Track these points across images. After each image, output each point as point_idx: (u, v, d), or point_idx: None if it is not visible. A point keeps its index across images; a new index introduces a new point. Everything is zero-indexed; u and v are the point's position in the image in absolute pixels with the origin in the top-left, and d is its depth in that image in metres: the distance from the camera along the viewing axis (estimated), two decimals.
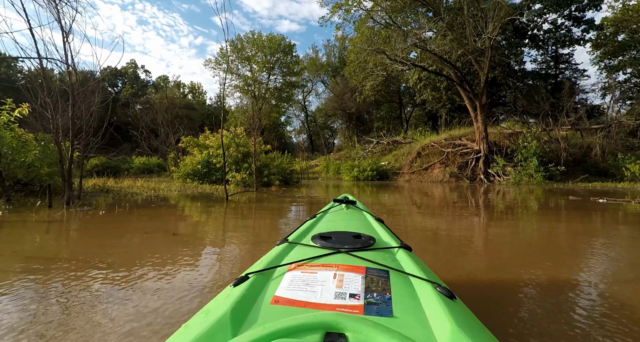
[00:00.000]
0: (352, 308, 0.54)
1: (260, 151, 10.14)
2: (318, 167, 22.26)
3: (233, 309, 0.52)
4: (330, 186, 11.65)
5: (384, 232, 1.06)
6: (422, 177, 15.53)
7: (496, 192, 8.91)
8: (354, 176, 16.78)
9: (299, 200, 5.92)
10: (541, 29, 20.89)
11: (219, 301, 0.60)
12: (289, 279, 0.65)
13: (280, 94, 28.48)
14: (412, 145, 18.19)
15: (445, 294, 0.61)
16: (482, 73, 13.11)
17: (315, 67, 31.25)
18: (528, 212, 4.70)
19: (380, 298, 0.57)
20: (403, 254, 0.82)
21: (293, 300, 0.57)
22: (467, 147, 14.87)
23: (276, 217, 4.13)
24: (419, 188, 11.07)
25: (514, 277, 1.83)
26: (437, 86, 19.91)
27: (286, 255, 0.82)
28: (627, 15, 21.52)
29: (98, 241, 2.70)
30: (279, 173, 10.53)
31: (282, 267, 0.72)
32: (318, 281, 0.63)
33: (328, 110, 30.32)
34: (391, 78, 24.60)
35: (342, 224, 1.15)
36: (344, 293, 0.59)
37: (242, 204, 5.44)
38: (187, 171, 9.70)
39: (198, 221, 3.82)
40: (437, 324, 0.50)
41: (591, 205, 5.50)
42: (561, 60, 23.94)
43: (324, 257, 0.75)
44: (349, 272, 0.66)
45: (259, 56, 26.88)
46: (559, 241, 2.86)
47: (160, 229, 3.23)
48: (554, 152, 12.87)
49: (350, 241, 0.87)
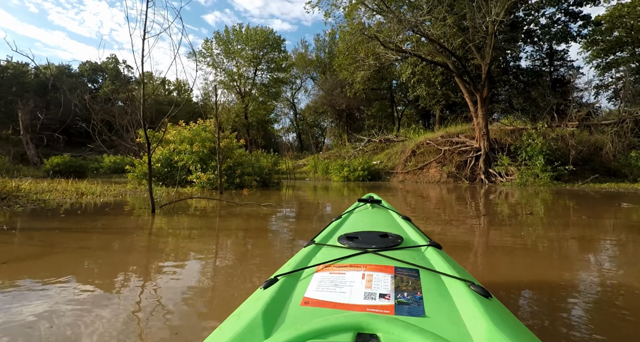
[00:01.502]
0: (383, 308, 0.52)
1: (230, 147, 8.51)
2: (306, 166, 20.70)
3: (264, 311, 0.51)
4: (317, 188, 10.11)
5: (411, 231, 1.01)
6: (418, 178, 14.12)
7: (509, 196, 7.48)
8: (343, 176, 15.26)
9: (256, 213, 4.15)
10: (538, 23, 19.83)
11: (250, 304, 0.59)
12: (317, 280, 0.64)
13: (268, 90, 26.77)
14: (406, 143, 16.78)
15: (480, 292, 0.57)
16: (483, 63, 11.74)
17: (305, 63, 29.62)
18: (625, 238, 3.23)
19: (411, 298, 0.55)
20: (433, 252, 0.79)
21: (323, 301, 0.56)
22: (465, 144, 13.51)
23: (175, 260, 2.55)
24: (415, 190, 9.60)
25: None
26: (432, 81, 18.56)
27: (313, 256, 0.80)
28: (623, 11, 20.64)
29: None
30: (257, 173, 8.93)
31: (310, 268, 0.71)
32: (347, 282, 0.61)
33: (317, 107, 28.74)
34: (383, 72, 23.19)
35: (368, 223, 1.12)
36: (373, 293, 0.57)
37: (173, 218, 3.82)
38: (145, 170, 8.00)
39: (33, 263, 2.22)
40: (473, 324, 0.47)
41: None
42: (556, 57, 22.96)
43: (351, 257, 0.73)
44: (377, 272, 0.64)
45: (246, 50, 25.09)
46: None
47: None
48: (560, 150, 11.59)
49: (377, 241, 0.84)
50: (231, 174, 7.89)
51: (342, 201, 6.10)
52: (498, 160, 12.45)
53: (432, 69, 18.52)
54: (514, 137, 13.12)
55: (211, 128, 8.93)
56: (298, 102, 32.97)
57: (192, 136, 7.89)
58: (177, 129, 8.20)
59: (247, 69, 26.08)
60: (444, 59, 12.41)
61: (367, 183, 13.72)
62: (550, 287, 1.66)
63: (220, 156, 6.81)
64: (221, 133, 8.77)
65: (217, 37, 24.64)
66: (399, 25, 11.01)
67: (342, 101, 22.54)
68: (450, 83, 19.45)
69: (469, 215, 4.13)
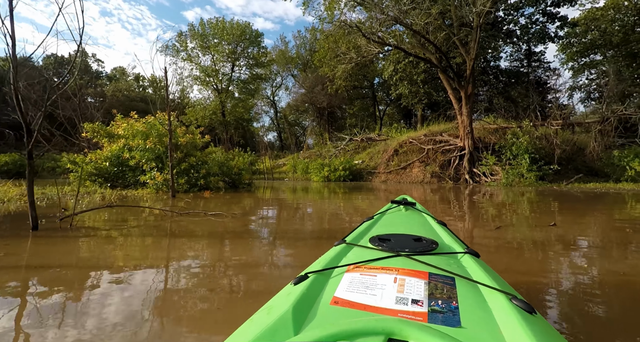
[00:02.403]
0: (415, 315, 0.50)
1: (194, 144, 7.44)
2: (285, 166, 19.69)
3: (295, 307, 0.50)
4: (294, 189, 9.17)
5: (447, 236, 0.97)
6: (401, 178, 13.46)
7: (502, 198, 6.83)
8: (323, 176, 14.39)
9: (194, 230, 3.02)
10: (518, 23, 19.75)
11: (281, 298, 0.58)
12: (347, 280, 0.62)
13: (246, 87, 25.51)
14: (388, 142, 16.12)
15: (523, 307, 0.53)
16: (468, 58, 11.18)
17: (285, 60, 28.51)
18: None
19: (446, 306, 0.53)
20: (470, 260, 0.74)
21: (353, 302, 0.54)
22: (449, 143, 12.97)
23: None
24: (398, 190, 8.86)
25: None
26: (414, 79, 18.02)
27: (344, 256, 0.78)
28: (597, 14, 20.97)
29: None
30: (225, 173, 7.89)
31: (341, 268, 0.69)
32: (378, 284, 0.59)
33: (299, 106, 27.73)
34: (365, 69, 22.51)
35: (402, 226, 1.07)
36: (405, 298, 0.54)
37: (55, 241, 2.77)
38: (90, 170, 6.79)
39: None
40: (514, 340, 0.43)
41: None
42: (533, 59, 23.13)
43: (383, 260, 0.71)
44: (410, 277, 0.62)
45: (222, 45, 23.70)
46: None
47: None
48: (544, 149, 11.22)
49: (410, 244, 0.80)
50: (193, 175, 6.81)
51: (325, 199, 5.26)
52: (483, 160, 11.96)
53: (414, 67, 18.00)
54: (498, 136, 12.69)
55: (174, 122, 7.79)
56: (279, 101, 31.79)
57: (147, 130, 6.75)
58: (129, 121, 7.03)
59: (224, 65, 24.71)
60: (428, 54, 11.78)
61: (349, 184, 12.92)
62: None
63: (172, 153, 5.75)
64: (184, 128, 7.68)
65: (192, 30, 23.14)
66: (382, 15, 10.25)
67: (323, 99, 21.66)
68: (433, 81, 19.03)
69: (482, 227, 3.30)
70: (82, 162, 6.76)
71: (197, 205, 4.76)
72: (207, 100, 25.89)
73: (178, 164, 6.57)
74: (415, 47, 11.69)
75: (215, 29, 23.16)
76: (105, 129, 7.33)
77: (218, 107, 24.71)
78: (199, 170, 6.96)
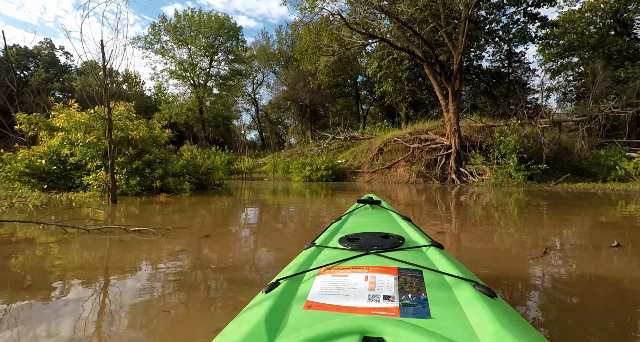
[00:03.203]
0: (387, 310, 0.50)
1: (151, 138, 6.36)
2: (266, 166, 18.66)
3: (267, 316, 0.49)
4: (271, 191, 8.24)
5: (412, 231, 0.98)
6: (386, 177, 12.77)
7: (501, 200, 6.17)
8: (305, 175, 13.51)
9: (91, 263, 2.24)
10: (500, 22, 19.62)
11: (253, 308, 0.57)
12: (320, 283, 0.61)
13: (225, 83, 24.21)
14: (372, 141, 15.43)
15: (485, 292, 0.56)
16: (455, 52, 10.61)
17: (266, 56, 27.38)
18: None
19: (415, 299, 0.54)
20: (435, 253, 0.76)
21: (326, 304, 0.54)
22: (435, 142, 12.39)
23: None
24: (383, 191, 8.11)
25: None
26: (399, 76, 17.43)
27: (315, 259, 0.77)
28: (574, 16, 21.22)
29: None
30: (190, 173, 6.85)
31: (312, 271, 0.68)
32: (349, 284, 0.59)
33: (280, 104, 26.68)
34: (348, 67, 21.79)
35: (369, 224, 1.07)
36: (377, 295, 0.55)
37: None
38: (21, 168, 5.59)
39: None
40: (479, 324, 0.46)
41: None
42: (513, 59, 23.20)
43: (353, 259, 0.71)
44: (380, 274, 0.62)
45: (199, 38, 22.30)
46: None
47: None
48: (532, 148, 10.81)
49: (378, 242, 0.80)
50: (148, 175, 5.75)
51: (307, 201, 4.41)
52: (470, 159, 11.44)
53: (398, 64, 17.42)
54: (484, 134, 12.24)
55: (130, 114, 6.68)
56: (260, 98, 30.59)
57: (90, 122, 5.63)
58: (69, 111, 5.86)
59: (201, 59, 23.32)
60: (414, 47, 11.12)
61: (332, 184, 12.09)
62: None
63: (112, 148, 4.71)
64: (139, 121, 6.59)
65: (164, 21, 21.60)
66: (366, 4, 9.48)
67: (305, 96, 20.74)
68: (417, 80, 18.54)
69: (525, 250, 2.50)
70: (8, 159, 5.53)
71: (133, 214, 3.76)
72: (184, 96, 24.41)
73: (130, 162, 5.49)
74: (400, 40, 11.00)
75: (191, 21, 21.75)
76: (44, 121, 6.12)
77: (195, 104, 23.30)
78: (154, 169, 5.90)
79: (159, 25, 21.83)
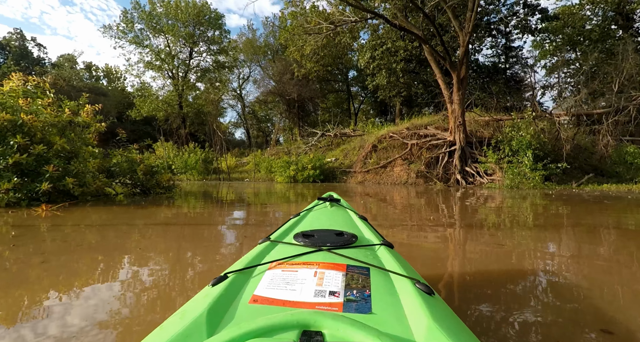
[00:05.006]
0: (331, 306, 0.51)
1: (59, 123, 4.45)
2: (249, 165, 16.80)
3: (210, 309, 0.48)
4: (243, 195, 6.44)
5: (366, 230, 0.97)
6: (381, 178, 11.08)
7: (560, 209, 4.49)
8: (289, 176, 11.74)
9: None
10: (500, 12, 18.22)
11: (197, 301, 0.55)
12: (269, 277, 0.60)
13: (206, 75, 22.15)
14: (365, 138, 13.76)
15: (424, 289, 0.57)
16: (462, 33, 8.99)
17: (253, 49, 25.41)
18: None
19: (359, 295, 0.54)
20: (384, 251, 0.77)
21: (272, 299, 0.53)
22: (436, 137, 10.77)
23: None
24: (377, 193, 6.39)
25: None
26: (393, 68, 15.78)
27: (267, 253, 0.76)
28: (573, 9, 20.05)
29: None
30: (124, 173, 4.99)
31: (263, 265, 0.67)
32: (298, 279, 0.59)
33: (268, 101, 24.73)
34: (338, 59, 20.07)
35: (326, 222, 1.05)
36: (323, 291, 0.55)
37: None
38: None
39: None
40: (415, 320, 0.47)
41: None
42: (510, 54, 21.94)
43: (305, 255, 0.70)
44: (329, 270, 0.62)
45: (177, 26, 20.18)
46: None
47: None
48: (548, 144, 9.29)
49: (332, 239, 0.80)
50: (32, 174, 3.87)
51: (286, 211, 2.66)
52: (477, 157, 9.86)
53: (392, 55, 15.79)
54: (491, 129, 10.69)
55: (42, 94, 4.79)
56: (247, 95, 28.53)
57: None
58: None
59: (181, 50, 21.22)
60: (412, 27, 9.45)
61: (319, 185, 10.35)
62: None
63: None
64: (48, 99, 4.68)
65: (137, 7, 19.41)
66: None
67: (293, 89, 18.87)
68: (413, 72, 16.94)
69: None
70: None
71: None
72: (163, 90, 22.25)
73: (12, 154, 3.62)
74: (398, 19, 9.30)
75: (167, 8, 19.65)
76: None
77: (174, 98, 21.19)
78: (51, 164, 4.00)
79: (131, 12, 19.63)
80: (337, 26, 8.82)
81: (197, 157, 14.03)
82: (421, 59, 16.46)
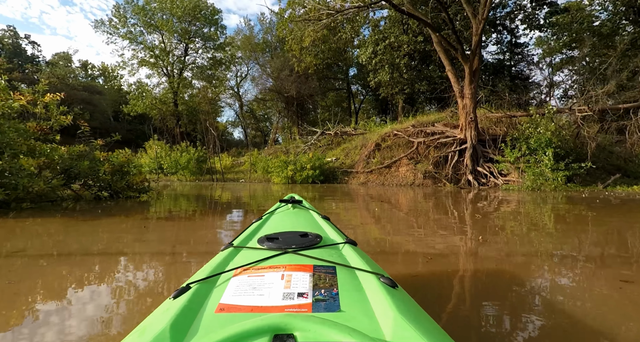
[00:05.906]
0: (300, 307, 0.50)
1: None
2: (245, 165, 15.93)
3: (173, 323, 0.45)
4: (230, 199, 5.59)
5: (330, 230, 0.98)
6: (385, 178, 10.22)
7: None
8: (287, 176, 10.88)
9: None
10: (507, 6, 17.42)
11: (157, 316, 0.52)
12: (235, 284, 0.58)
13: (203, 72, 21.28)
14: (367, 136, 12.90)
15: (388, 283, 0.58)
16: (474, 21, 8.15)
17: (251, 46, 24.52)
18: None
19: (327, 294, 0.54)
20: (349, 249, 0.77)
21: (240, 306, 0.51)
22: (445, 135, 9.91)
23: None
24: (381, 195, 5.53)
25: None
26: (396, 63, 14.92)
27: (231, 260, 0.73)
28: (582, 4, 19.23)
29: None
30: (85, 174, 4.15)
31: (227, 273, 0.64)
32: (265, 284, 0.57)
33: (266, 98, 23.84)
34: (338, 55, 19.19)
35: (289, 224, 1.05)
36: (292, 293, 0.54)
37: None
38: None
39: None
40: (382, 314, 0.48)
41: None
42: (516, 51, 21.13)
43: (271, 259, 0.68)
44: (296, 272, 0.61)
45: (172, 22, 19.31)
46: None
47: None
48: (569, 142, 8.44)
49: (297, 241, 0.80)
50: None
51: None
52: (491, 156, 9.01)
53: (395, 49, 14.93)
54: (503, 127, 9.85)
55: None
56: (245, 93, 27.63)
57: None
58: None
59: (176, 47, 20.36)
60: (420, 15, 8.61)
61: (319, 186, 9.48)
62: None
63: None
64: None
65: (130, 1, 18.54)
66: None
67: (291, 86, 17.99)
68: (417, 69, 16.08)
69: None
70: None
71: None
72: (158, 88, 21.37)
73: None
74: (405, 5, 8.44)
75: (162, 2, 18.78)
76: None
77: (169, 96, 20.30)
78: None
79: (124, 6, 18.77)
80: (338, 12, 7.97)
81: (190, 156, 13.15)
82: (425, 55, 15.61)
